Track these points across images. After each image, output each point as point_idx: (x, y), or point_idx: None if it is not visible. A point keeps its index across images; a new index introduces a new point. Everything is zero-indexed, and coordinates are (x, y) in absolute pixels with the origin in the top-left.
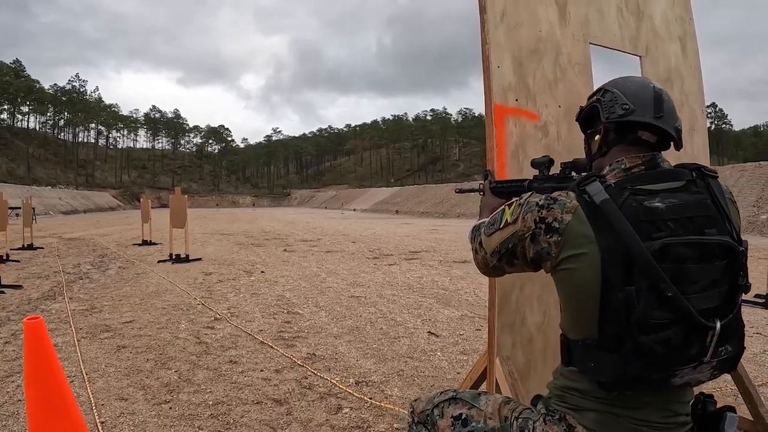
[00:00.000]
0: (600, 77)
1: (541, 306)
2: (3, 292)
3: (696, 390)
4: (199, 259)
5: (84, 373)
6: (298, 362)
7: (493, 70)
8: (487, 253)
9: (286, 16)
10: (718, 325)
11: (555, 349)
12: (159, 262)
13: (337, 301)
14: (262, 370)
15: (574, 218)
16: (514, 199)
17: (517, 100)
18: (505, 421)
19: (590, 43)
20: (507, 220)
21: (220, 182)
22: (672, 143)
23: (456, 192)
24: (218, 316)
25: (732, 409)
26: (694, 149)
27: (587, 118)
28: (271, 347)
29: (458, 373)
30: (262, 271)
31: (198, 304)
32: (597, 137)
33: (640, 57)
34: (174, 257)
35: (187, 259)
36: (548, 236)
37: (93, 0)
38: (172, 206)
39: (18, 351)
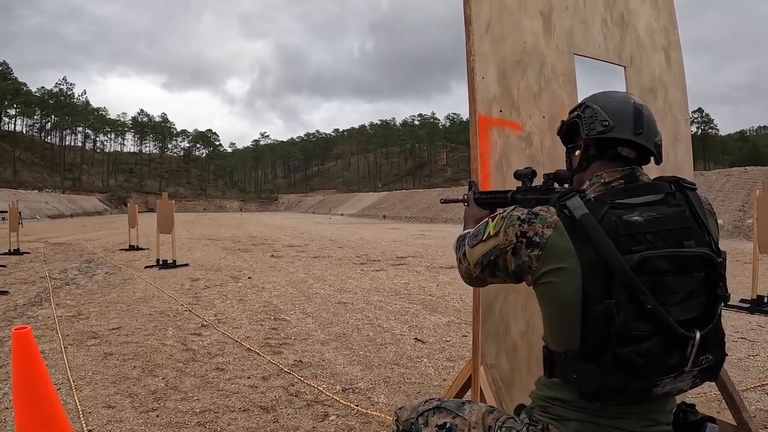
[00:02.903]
0: (584, 87)
1: (525, 315)
2: None
3: (679, 399)
4: (186, 265)
5: (71, 381)
6: (285, 369)
7: (478, 81)
8: (470, 264)
9: (269, 21)
10: (698, 335)
11: (538, 357)
12: (146, 267)
13: (324, 307)
14: (249, 378)
15: (554, 233)
16: (498, 211)
17: (501, 111)
18: (489, 431)
19: (575, 54)
20: (490, 232)
21: (208, 187)
22: (652, 158)
23: (441, 202)
24: (205, 322)
25: (712, 420)
26: (678, 158)
27: (568, 133)
28: (258, 354)
29: (444, 380)
30: (249, 277)
31: (185, 311)
32: (577, 152)
33: (624, 67)
34: (161, 263)
35: (174, 265)
36: (529, 250)
37: (76, 3)
38: (159, 211)
39: (4, 358)
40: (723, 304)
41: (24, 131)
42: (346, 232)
